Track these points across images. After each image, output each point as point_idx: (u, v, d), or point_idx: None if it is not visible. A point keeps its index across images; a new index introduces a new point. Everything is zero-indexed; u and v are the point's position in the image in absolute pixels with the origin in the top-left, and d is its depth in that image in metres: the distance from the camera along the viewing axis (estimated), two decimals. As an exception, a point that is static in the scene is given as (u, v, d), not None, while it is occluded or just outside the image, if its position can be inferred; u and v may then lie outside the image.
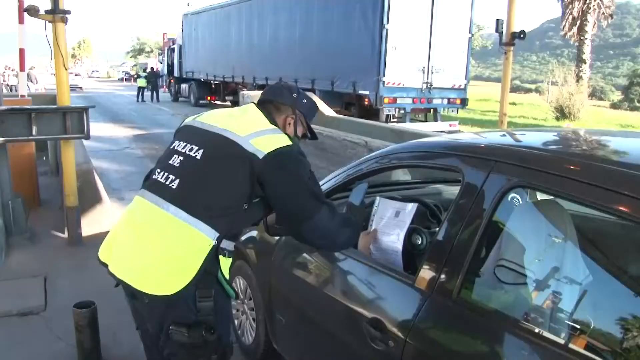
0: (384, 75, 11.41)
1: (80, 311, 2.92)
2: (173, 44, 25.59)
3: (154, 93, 25.86)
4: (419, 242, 2.26)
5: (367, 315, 1.83)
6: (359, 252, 2.12)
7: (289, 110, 1.96)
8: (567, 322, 1.46)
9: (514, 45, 6.22)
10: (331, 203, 1.87)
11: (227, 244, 1.76)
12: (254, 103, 1.96)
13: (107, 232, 1.92)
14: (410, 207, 2.14)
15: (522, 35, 5.98)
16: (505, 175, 1.59)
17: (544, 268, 1.53)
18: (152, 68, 27.69)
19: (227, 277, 1.79)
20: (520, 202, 1.75)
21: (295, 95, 1.99)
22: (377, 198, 2.29)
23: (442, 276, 1.63)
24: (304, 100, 2.02)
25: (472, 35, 13.04)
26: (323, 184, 2.55)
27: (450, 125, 12.75)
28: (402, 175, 4.25)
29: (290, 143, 1.78)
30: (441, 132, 11.51)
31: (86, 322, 2.92)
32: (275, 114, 1.94)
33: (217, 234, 1.70)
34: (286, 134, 1.85)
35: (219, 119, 1.87)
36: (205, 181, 1.71)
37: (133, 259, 1.74)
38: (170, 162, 1.80)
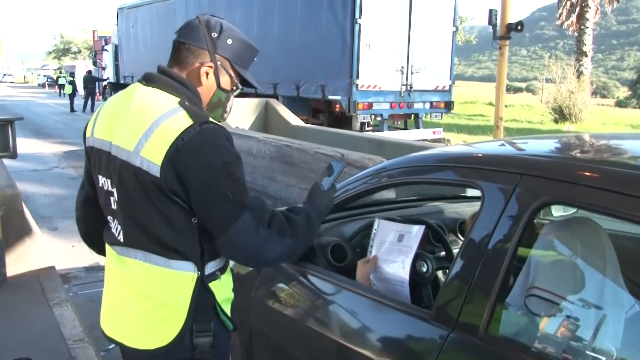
0: (357, 78, 11.51)
1: (15, 368, 2.80)
2: (107, 44, 25.31)
3: (90, 101, 25.48)
4: (424, 270, 2.28)
5: (374, 357, 1.82)
6: (358, 283, 2.12)
7: (205, 55, 1.74)
8: (609, 357, 1.48)
9: (510, 38, 6.34)
10: (259, 205, 1.69)
11: (213, 266, 1.74)
12: (141, 81, 1.75)
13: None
14: (417, 230, 2.15)
15: (519, 27, 6.09)
16: (534, 190, 1.61)
17: (583, 296, 1.55)
18: (89, 71, 27.36)
19: (231, 296, 1.80)
20: (552, 220, 1.78)
21: (215, 34, 1.74)
22: (376, 220, 2.30)
23: (465, 309, 1.63)
24: (229, 41, 1.76)
25: (457, 28, 13.32)
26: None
27: (434, 133, 12.94)
28: (386, 194, 4.28)
29: (190, 123, 1.58)
30: (424, 140, 11.70)
31: (23, 380, 2.80)
32: (190, 60, 1.74)
33: (194, 265, 1.68)
34: (206, 120, 1.62)
35: (108, 128, 1.72)
36: (140, 221, 1.67)
37: (119, 316, 1.78)
38: (112, 206, 1.74)
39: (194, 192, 1.60)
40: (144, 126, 1.61)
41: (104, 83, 26.13)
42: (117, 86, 23.80)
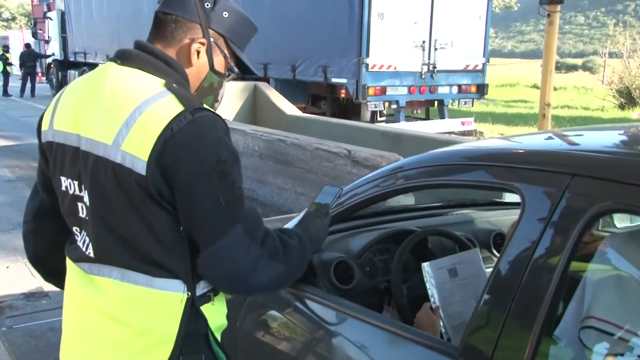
0: (367, 56, 11.51)
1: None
2: (50, 10, 25.23)
3: (28, 83, 25.40)
4: (450, 294, 2.32)
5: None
6: (365, 310, 2.14)
7: (196, 30, 1.78)
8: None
9: (562, 2, 6.22)
10: (254, 217, 1.74)
11: (206, 285, 1.77)
12: (114, 60, 1.75)
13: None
14: (471, 255, 2.35)
15: (574, -12, 5.98)
16: (589, 195, 1.63)
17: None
18: (27, 45, 27.29)
19: (224, 323, 1.85)
20: (614, 232, 1.80)
21: (208, 5, 1.79)
22: (424, 265, 2.34)
23: (501, 343, 1.64)
24: (225, 14, 1.82)
25: (493, -7, 13.30)
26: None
27: (463, 124, 12.99)
28: (403, 199, 4.30)
29: (180, 109, 1.61)
30: (450, 133, 11.71)
31: None
32: (178, 35, 1.78)
33: (184, 283, 1.71)
34: (200, 107, 1.65)
35: (73, 118, 1.74)
36: (117, 231, 1.69)
37: (88, 348, 1.77)
38: (79, 214, 1.77)
39: (180, 194, 1.62)
40: (124, 114, 1.63)
41: (48, 60, 26.03)
42: (65, 65, 23.79)
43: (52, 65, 25.34)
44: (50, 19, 24.95)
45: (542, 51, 7.10)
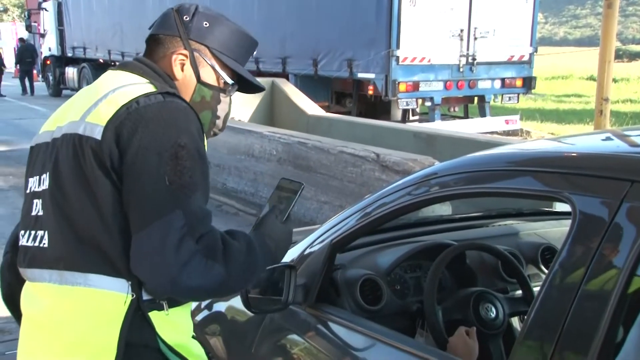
0: (397, 47, 11.51)
1: None
2: (45, 0, 25.43)
3: (27, 82, 25.54)
4: (493, 316, 2.30)
5: None
6: (395, 334, 2.13)
7: (177, 43, 1.92)
8: None
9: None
10: (200, 212, 1.69)
11: None
12: (115, 67, 1.97)
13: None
14: None
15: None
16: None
17: None
18: (21, 39, 27.42)
19: (183, 343, 1.82)
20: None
21: (187, 17, 1.93)
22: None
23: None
24: (205, 24, 1.94)
25: (541, -26, 13.25)
26: (317, 237, 2.53)
27: (508, 122, 12.94)
28: (438, 209, 4.28)
29: (152, 90, 1.76)
30: (492, 133, 11.64)
31: None
32: (159, 51, 1.94)
33: (129, 281, 1.70)
34: (174, 93, 1.80)
35: (60, 113, 1.89)
36: (71, 214, 1.72)
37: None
38: (33, 214, 1.82)
39: (126, 165, 1.66)
40: (97, 96, 1.78)
41: (43, 56, 26.09)
42: (63, 61, 23.92)
43: (48, 62, 25.49)
44: (46, 10, 25.06)
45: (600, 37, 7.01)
